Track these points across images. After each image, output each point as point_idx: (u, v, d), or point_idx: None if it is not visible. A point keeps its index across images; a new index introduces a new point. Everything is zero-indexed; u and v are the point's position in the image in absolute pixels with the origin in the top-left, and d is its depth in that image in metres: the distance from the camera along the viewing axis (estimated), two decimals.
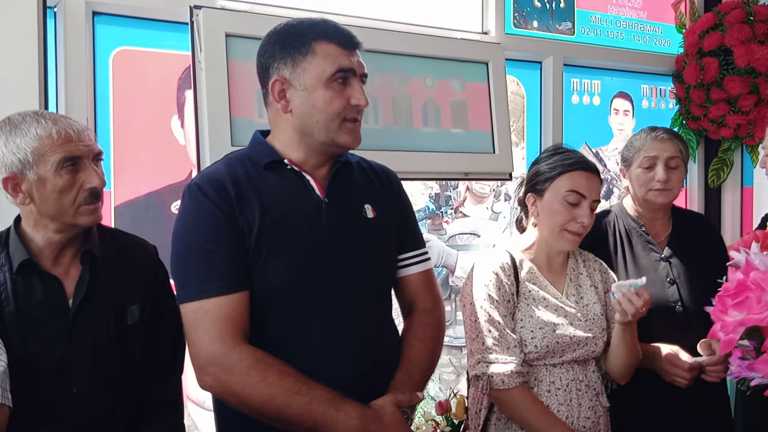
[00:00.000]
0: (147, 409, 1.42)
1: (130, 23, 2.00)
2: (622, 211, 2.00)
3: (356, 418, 1.20)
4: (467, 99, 2.35)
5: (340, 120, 1.31)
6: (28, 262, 1.31)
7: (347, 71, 1.31)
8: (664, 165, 1.87)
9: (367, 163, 1.51)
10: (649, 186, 1.89)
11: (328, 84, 1.30)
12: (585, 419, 1.62)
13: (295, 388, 1.20)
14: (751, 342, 1.05)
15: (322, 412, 1.19)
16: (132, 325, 1.39)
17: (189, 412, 2.12)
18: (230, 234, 1.27)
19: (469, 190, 2.74)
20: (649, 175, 1.89)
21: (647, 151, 1.90)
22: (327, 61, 1.30)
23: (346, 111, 1.32)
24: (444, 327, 1.51)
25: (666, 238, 1.95)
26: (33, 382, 1.28)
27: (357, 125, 1.35)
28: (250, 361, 1.22)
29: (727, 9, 2.87)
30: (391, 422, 1.23)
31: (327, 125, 1.32)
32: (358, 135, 1.35)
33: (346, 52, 1.32)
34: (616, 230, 1.96)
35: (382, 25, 2.28)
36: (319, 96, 1.30)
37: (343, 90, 1.31)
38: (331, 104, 1.30)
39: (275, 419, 1.21)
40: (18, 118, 1.30)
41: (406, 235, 1.49)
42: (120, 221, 1.99)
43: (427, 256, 1.52)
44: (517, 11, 2.64)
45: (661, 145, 1.89)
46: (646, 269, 1.89)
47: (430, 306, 1.48)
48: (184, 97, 2.08)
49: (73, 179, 1.30)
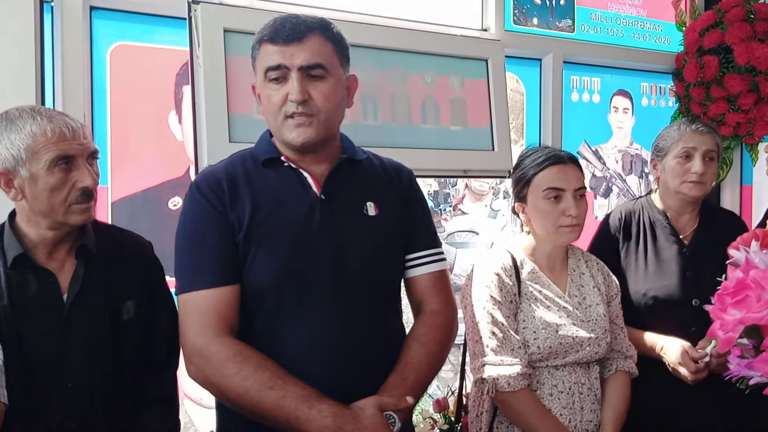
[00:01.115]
0: (142, 404, 1.42)
1: (127, 18, 1.99)
2: (649, 203, 2.01)
3: (329, 416, 1.17)
4: (466, 96, 2.35)
5: (282, 117, 1.31)
6: (23, 257, 1.31)
7: (275, 68, 1.29)
8: (701, 157, 1.88)
9: (378, 160, 1.49)
10: (684, 177, 1.89)
11: (266, 83, 1.32)
12: (587, 422, 1.61)
13: (269, 383, 1.19)
14: (750, 341, 1.04)
15: (294, 409, 1.18)
16: (127, 320, 1.39)
17: (186, 409, 2.11)
18: (221, 230, 1.29)
19: (468, 188, 2.74)
20: (686, 166, 1.89)
21: (686, 142, 1.89)
22: (263, 61, 1.31)
23: (286, 107, 1.30)
24: (453, 331, 1.45)
25: (692, 233, 1.95)
26: (27, 376, 1.27)
27: (304, 119, 1.30)
28: (228, 353, 1.22)
29: (728, 7, 2.86)
30: (369, 425, 1.18)
31: (274, 123, 1.33)
32: (306, 129, 1.30)
33: (280, 48, 1.29)
34: (641, 221, 1.98)
35: (381, 21, 2.28)
36: (264, 95, 1.33)
37: (281, 87, 1.30)
38: (270, 103, 1.31)
39: (251, 413, 1.21)
40: (15, 114, 1.30)
41: (416, 234, 1.45)
42: (117, 217, 1.99)
43: (440, 256, 1.48)
44: (516, 8, 2.63)
45: (700, 137, 1.89)
46: (666, 261, 1.90)
47: (438, 308, 1.43)
48: (182, 92, 2.08)
49: (66, 178, 1.30)
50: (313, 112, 1.30)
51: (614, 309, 1.74)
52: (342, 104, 1.38)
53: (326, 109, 1.31)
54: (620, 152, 3.07)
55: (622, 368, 1.70)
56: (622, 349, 1.72)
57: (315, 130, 1.31)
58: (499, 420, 1.63)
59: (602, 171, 3.01)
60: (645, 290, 1.89)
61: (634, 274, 1.92)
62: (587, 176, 2.94)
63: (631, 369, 1.71)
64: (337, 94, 1.34)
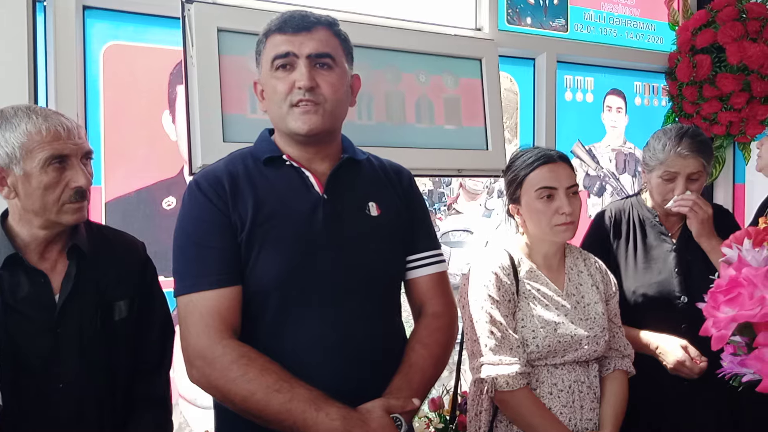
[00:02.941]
0: (134, 405, 1.41)
1: (120, 18, 1.98)
2: (639, 202, 2.02)
3: (338, 419, 1.15)
4: (460, 95, 2.35)
5: (288, 106, 1.30)
6: (14, 257, 1.30)
7: (283, 56, 1.29)
8: (684, 180, 1.85)
9: (378, 161, 1.49)
10: (667, 196, 1.88)
11: (272, 73, 1.31)
12: (587, 421, 1.61)
13: (276, 386, 1.17)
14: (743, 338, 1.05)
15: (302, 412, 1.16)
16: (119, 320, 1.38)
17: (180, 409, 2.11)
18: (223, 230, 1.27)
19: (462, 187, 2.74)
20: (669, 186, 1.87)
21: (669, 166, 1.85)
22: (270, 51, 1.32)
23: (292, 95, 1.29)
24: (455, 332, 1.45)
25: (679, 229, 1.96)
26: (19, 376, 1.27)
27: (310, 107, 1.29)
28: (233, 356, 1.20)
29: (720, 6, 2.87)
30: (377, 427, 1.17)
31: (278, 113, 1.32)
32: (312, 117, 1.29)
33: (288, 37, 1.30)
34: (630, 219, 1.99)
35: (376, 21, 2.28)
36: (270, 86, 1.32)
37: (288, 75, 1.30)
38: (275, 91, 1.31)
39: (256, 416, 1.19)
40: (10, 112, 1.29)
41: (416, 235, 1.45)
42: (111, 217, 1.98)
43: (440, 258, 1.48)
44: (510, 8, 2.64)
45: (683, 162, 1.84)
46: (656, 259, 1.91)
47: (439, 310, 1.42)
48: (176, 92, 2.07)
49: (59, 177, 1.29)
50: (320, 100, 1.30)
51: (612, 308, 1.74)
52: (346, 99, 1.38)
53: (332, 99, 1.31)
54: (614, 151, 3.08)
55: (620, 367, 1.71)
56: (620, 348, 1.73)
57: (321, 118, 1.30)
58: (498, 419, 1.63)
59: (596, 170, 3.02)
60: (635, 288, 1.90)
61: (624, 272, 1.93)
62: (581, 175, 2.95)
63: (628, 368, 1.72)
64: (343, 86, 1.35)
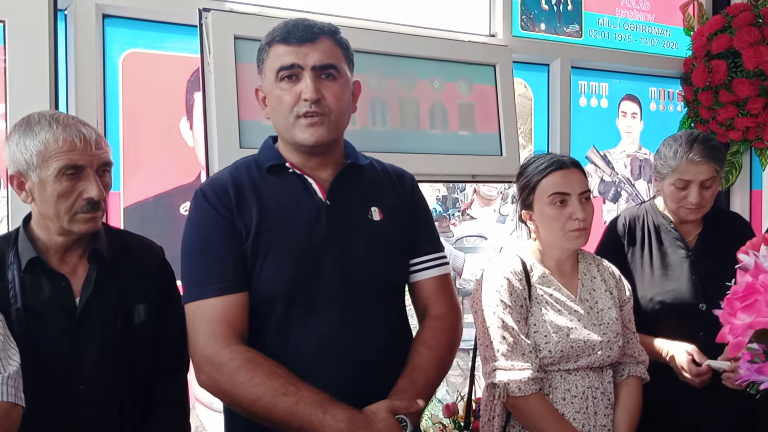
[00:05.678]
0: (153, 407, 1.42)
1: (139, 26, 2.01)
2: (653, 208, 2.00)
3: (344, 421, 1.17)
4: (475, 101, 2.35)
5: (294, 117, 1.31)
6: (36, 260, 1.32)
7: (288, 68, 1.30)
8: (698, 187, 1.82)
9: (381, 165, 1.50)
10: (680, 204, 1.86)
11: (277, 84, 1.32)
12: (601, 427, 1.60)
13: (282, 389, 1.20)
14: (760, 345, 1.04)
15: (308, 414, 1.17)
16: (138, 324, 1.39)
17: (197, 413, 2.12)
18: (229, 237, 1.30)
19: (476, 193, 2.74)
20: (682, 194, 1.85)
21: (681, 174, 1.82)
22: (274, 62, 1.32)
23: (298, 107, 1.30)
24: (458, 334, 1.46)
25: (696, 237, 1.94)
26: (40, 379, 1.28)
27: (317, 119, 1.31)
28: (240, 361, 1.23)
29: (736, 11, 2.86)
30: (383, 429, 1.19)
31: (284, 124, 1.33)
32: (318, 129, 1.31)
33: (293, 48, 1.31)
34: (645, 226, 1.97)
35: (390, 27, 2.29)
36: (274, 96, 1.33)
37: (293, 86, 1.31)
38: (281, 103, 1.32)
39: (263, 420, 1.21)
40: (35, 119, 1.32)
41: (419, 238, 1.46)
42: (129, 222, 2.01)
43: (443, 260, 1.49)
44: (524, 14, 2.64)
45: (695, 168, 1.81)
46: (672, 266, 1.90)
47: (443, 312, 1.44)
48: (193, 99, 2.10)
49: (73, 187, 1.30)
50: (325, 111, 1.31)
51: (626, 313, 1.73)
52: (349, 107, 1.39)
53: (337, 109, 1.33)
54: (629, 157, 3.07)
55: (634, 373, 1.70)
56: (635, 354, 1.72)
57: (327, 130, 1.32)
58: (511, 424, 1.63)
59: (611, 176, 3.01)
60: (651, 295, 1.89)
61: (640, 280, 1.92)
62: (596, 181, 2.94)
63: (642, 374, 1.71)
64: (346, 95, 1.36)
